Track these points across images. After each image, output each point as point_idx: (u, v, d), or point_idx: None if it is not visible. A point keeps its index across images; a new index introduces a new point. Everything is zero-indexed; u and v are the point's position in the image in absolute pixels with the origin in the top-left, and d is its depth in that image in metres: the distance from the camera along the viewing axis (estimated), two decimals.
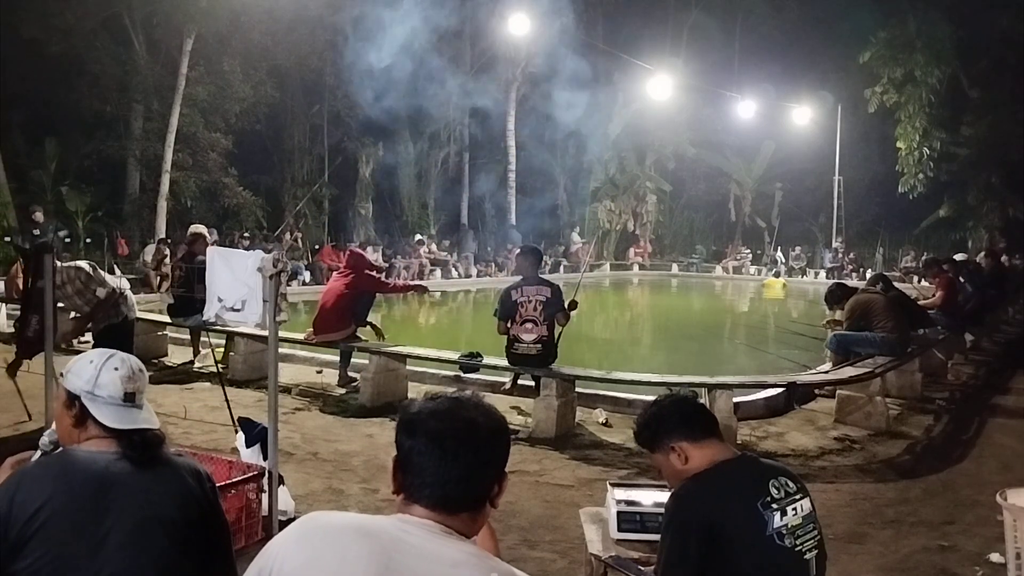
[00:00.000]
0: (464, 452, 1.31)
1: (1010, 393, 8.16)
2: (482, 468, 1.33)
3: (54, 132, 18.87)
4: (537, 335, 6.31)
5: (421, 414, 1.35)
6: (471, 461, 1.31)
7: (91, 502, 1.72)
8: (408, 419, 1.36)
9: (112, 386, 1.86)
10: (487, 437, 1.35)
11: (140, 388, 1.91)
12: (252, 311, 3.91)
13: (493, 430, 1.36)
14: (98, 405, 1.84)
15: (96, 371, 1.87)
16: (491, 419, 1.37)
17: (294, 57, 20.87)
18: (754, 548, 1.97)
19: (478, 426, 1.34)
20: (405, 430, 1.35)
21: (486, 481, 1.34)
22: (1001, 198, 23.77)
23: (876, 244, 26.45)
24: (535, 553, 3.95)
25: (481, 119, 26.97)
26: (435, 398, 1.38)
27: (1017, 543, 3.25)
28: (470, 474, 1.31)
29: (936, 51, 22.38)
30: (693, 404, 2.25)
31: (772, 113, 24.65)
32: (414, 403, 1.39)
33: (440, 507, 1.29)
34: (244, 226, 20.51)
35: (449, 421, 1.33)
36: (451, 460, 1.30)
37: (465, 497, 1.32)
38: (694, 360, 10.40)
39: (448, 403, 1.36)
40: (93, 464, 1.78)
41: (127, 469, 1.79)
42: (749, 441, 5.98)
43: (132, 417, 1.85)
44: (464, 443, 1.31)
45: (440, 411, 1.34)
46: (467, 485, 1.31)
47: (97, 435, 1.84)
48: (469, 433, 1.33)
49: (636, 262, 27.43)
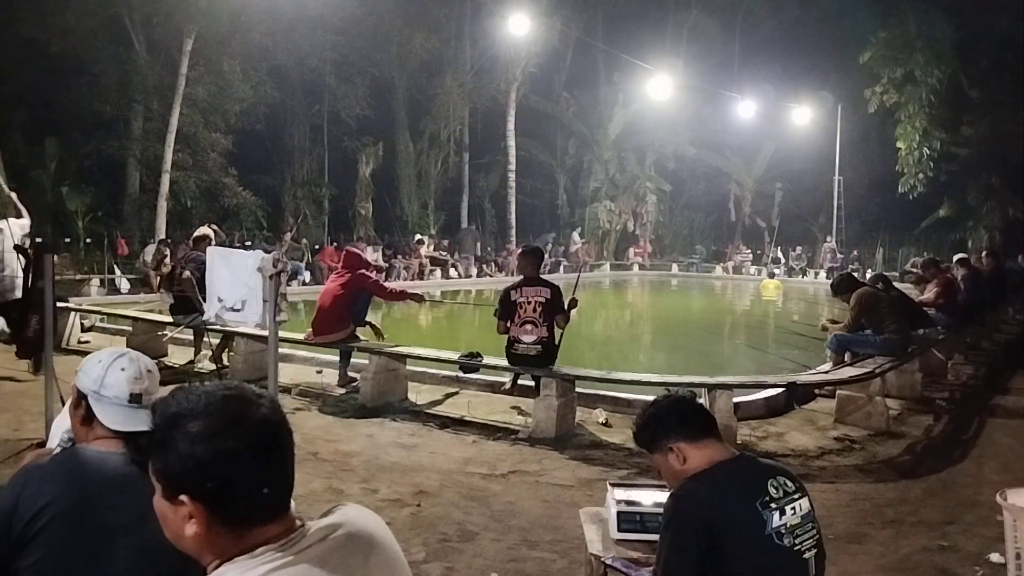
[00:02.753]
0: (260, 451, 1.14)
1: (1010, 393, 8.15)
2: (281, 461, 1.18)
3: (54, 132, 18.88)
4: (537, 336, 6.31)
5: (176, 428, 1.11)
6: (272, 460, 1.16)
7: (97, 503, 1.70)
8: (161, 439, 1.12)
9: (118, 387, 1.84)
10: (269, 430, 1.16)
11: (148, 389, 1.88)
12: (252, 311, 3.92)
13: (268, 420, 1.16)
14: (103, 406, 1.83)
15: (103, 371, 1.85)
16: (256, 407, 1.16)
17: (294, 57, 20.89)
18: (753, 547, 1.97)
19: (245, 420, 1.14)
20: (170, 456, 1.11)
21: (287, 469, 1.20)
22: (1001, 198, 23.77)
23: (876, 244, 26.46)
24: (535, 553, 3.95)
25: (481, 119, 27.00)
26: (186, 397, 1.14)
27: (1017, 543, 3.25)
28: (275, 473, 1.17)
29: (936, 51, 22.37)
30: (691, 404, 2.25)
31: (772, 113, 24.66)
32: (163, 412, 1.14)
33: (271, 518, 1.14)
34: (244, 226, 20.53)
35: (227, 423, 1.12)
36: (251, 467, 1.12)
37: (286, 494, 1.18)
38: (694, 360, 10.40)
39: (201, 405, 1.13)
40: (102, 464, 1.77)
41: (135, 471, 1.73)
42: (749, 441, 5.98)
43: (137, 419, 1.81)
44: (242, 441, 1.12)
45: (196, 421, 1.11)
46: (282, 484, 1.18)
47: (104, 435, 1.82)
48: (241, 431, 1.12)
49: (636, 262, 27.44)
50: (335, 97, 23.13)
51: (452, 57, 25.10)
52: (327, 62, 21.71)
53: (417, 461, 5.36)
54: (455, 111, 25.03)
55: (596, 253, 27.47)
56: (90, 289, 14.93)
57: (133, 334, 9.04)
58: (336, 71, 22.50)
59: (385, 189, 25.40)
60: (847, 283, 7.80)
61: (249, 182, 21.41)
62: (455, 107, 24.86)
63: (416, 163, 25.63)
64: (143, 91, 19.23)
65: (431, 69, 25.02)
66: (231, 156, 20.60)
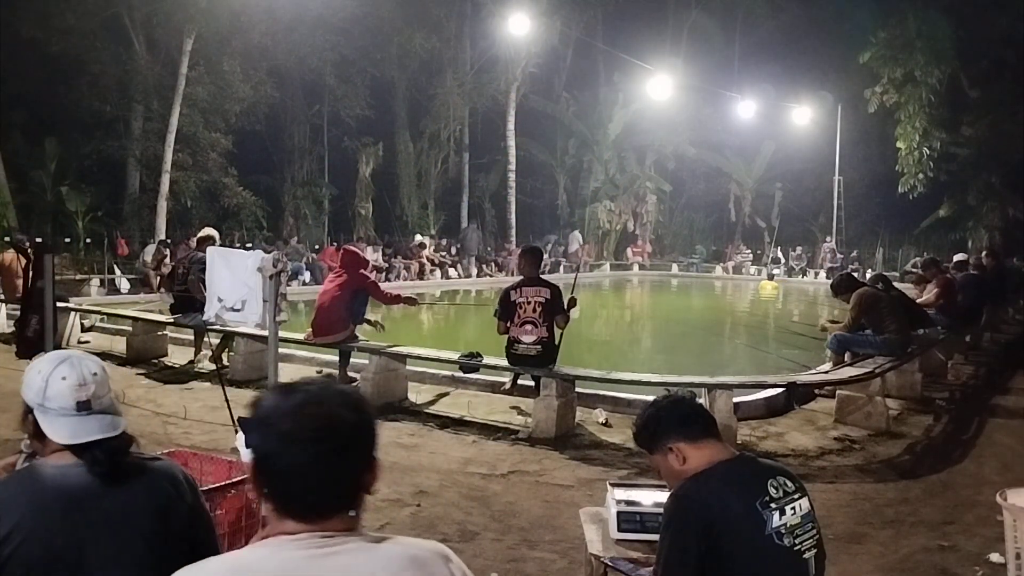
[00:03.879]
0: (324, 450, 1.16)
1: (1010, 393, 8.15)
2: (347, 464, 1.19)
3: (54, 132, 18.88)
4: (537, 336, 6.30)
5: (271, 412, 1.20)
6: (333, 459, 1.17)
7: (64, 523, 1.61)
8: (257, 419, 1.20)
9: (61, 397, 1.70)
10: (348, 432, 1.19)
11: (97, 393, 1.74)
12: (252, 311, 3.92)
13: (354, 422, 1.20)
14: (50, 418, 1.70)
15: (44, 382, 1.71)
16: (350, 408, 1.21)
17: (294, 57, 20.89)
18: (753, 547, 1.97)
19: (335, 420, 1.19)
20: (255, 432, 1.19)
21: (355, 476, 1.20)
22: (1001, 198, 23.76)
23: (876, 244, 26.46)
24: (535, 553, 3.95)
25: (481, 119, 26.99)
26: (288, 392, 1.22)
27: (1017, 543, 3.25)
28: (336, 475, 1.18)
29: (936, 51, 22.36)
30: (691, 405, 2.25)
31: (772, 113, 24.66)
32: (264, 399, 1.24)
33: (313, 516, 1.16)
34: (244, 226, 20.53)
35: (302, 419, 1.17)
36: (312, 461, 1.16)
37: (335, 500, 1.18)
38: (694, 360, 10.40)
39: (300, 397, 1.20)
40: (63, 481, 1.66)
41: (97, 484, 1.67)
42: (749, 441, 5.98)
43: (87, 428, 1.69)
44: (322, 440, 1.17)
45: (289, 407, 1.19)
46: (334, 488, 1.18)
47: (58, 448, 1.70)
48: (328, 430, 1.17)
49: (636, 262, 27.44)
50: (335, 97, 23.13)
51: (452, 57, 25.09)
52: (327, 62, 21.70)
53: (417, 461, 5.36)
54: (455, 111, 25.02)
55: (596, 253, 27.48)
56: (90, 289, 14.93)
57: (133, 334, 9.04)
58: (336, 71, 22.49)
59: (385, 189, 25.40)
60: (847, 283, 7.80)
61: (249, 182, 21.41)
62: (455, 107, 24.86)
63: (416, 163, 25.62)
64: (143, 91, 19.23)
65: (431, 69, 25.01)
66: (231, 156, 20.59)
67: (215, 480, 3.89)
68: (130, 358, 8.67)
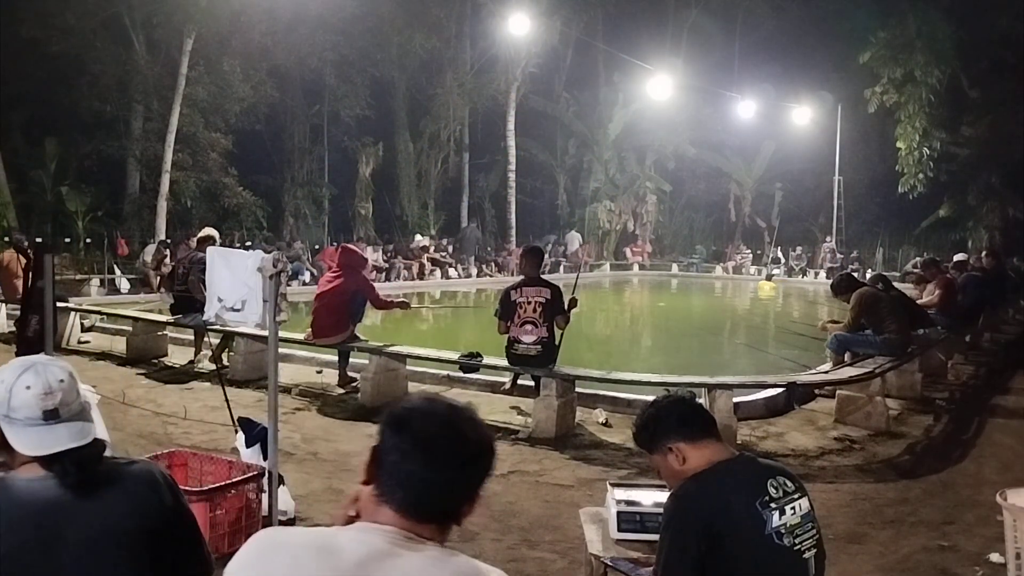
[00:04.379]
0: (449, 461, 1.25)
1: (1010, 393, 8.15)
2: (462, 482, 1.27)
3: (54, 132, 18.89)
4: (537, 337, 6.30)
5: (414, 412, 1.29)
6: (452, 474, 1.26)
7: (40, 537, 1.56)
8: (399, 415, 1.30)
9: (27, 408, 1.62)
10: (474, 452, 1.28)
11: (64, 400, 1.66)
12: (252, 311, 3.91)
13: (481, 449, 1.30)
14: (16, 429, 1.62)
15: (7, 392, 1.63)
16: (481, 437, 1.30)
17: (294, 57, 20.88)
18: (753, 547, 1.97)
19: (468, 439, 1.28)
20: (393, 425, 1.29)
21: (461, 497, 1.28)
22: (1001, 198, 23.75)
23: (876, 244, 26.46)
24: (535, 553, 3.95)
25: (481, 119, 26.99)
26: (432, 401, 1.32)
27: (1017, 543, 3.25)
28: (448, 486, 1.26)
29: (936, 51, 22.36)
30: (690, 405, 2.25)
31: (772, 113, 24.66)
32: (409, 400, 1.34)
33: (410, 514, 1.24)
34: (244, 226, 20.53)
35: (440, 427, 1.27)
36: (433, 468, 1.24)
37: (437, 508, 1.26)
38: (694, 360, 10.40)
39: (443, 409, 1.30)
40: (33, 495, 1.60)
41: (70, 495, 1.61)
42: (749, 441, 5.99)
43: (55, 437, 1.62)
44: (450, 452, 1.25)
45: (433, 414, 1.29)
46: (443, 496, 1.26)
47: (26, 460, 1.64)
48: (458, 443, 1.26)
49: (635, 261, 27.43)
50: (335, 97, 23.13)
51: (452, 57, 25.08)
52: (327, 62, 21.70)
53: None
54: (455, 111, 25.01)
55: (596, 253, 27.48)
56: (90, 289, 14.94)
57: (133, 334, 9.05)
58: (336, 71, 22.49)
59: (385, 189, 25.40)
60: (847, 283, 7.81)
61: (249, 182, 21.39)
62: (455, 107, 24.84)
63: (416, 163, 25.62)
64: (143, 91, 19.22)
65: (431, 69, 25.01)
66: (231, 156, 20.58)
67: (215, 480, 3.90)
68: (130, 358, 8.67)
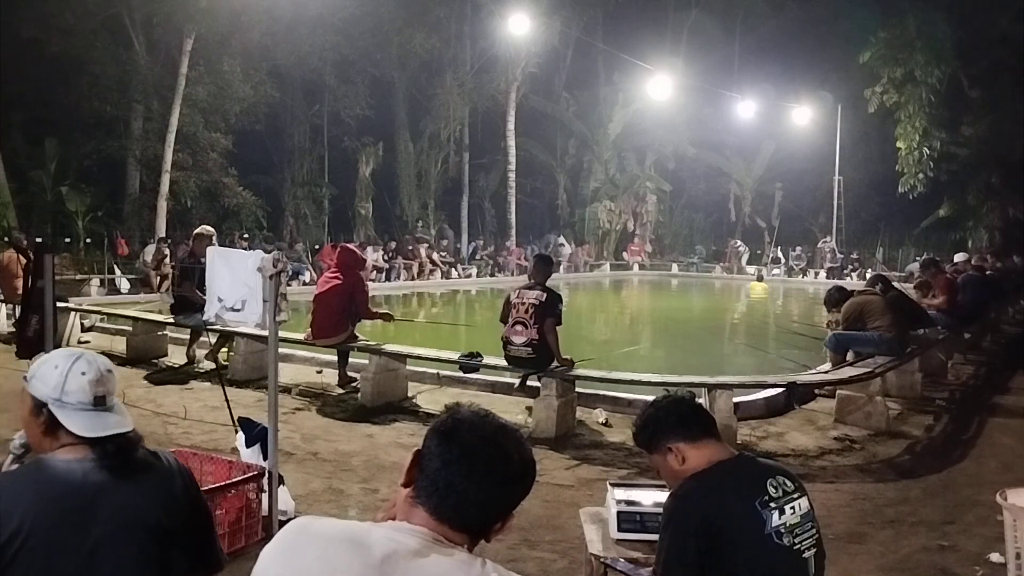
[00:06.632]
0: (490, 477, 1.27)
1: (1010, 393, 8.16)
2: (500, 499, 1.30)
3: (54, 132, 18.89)
4: (527, 338, 6.19)
5: (464, 424, 1.32)
6: (492, 489, 1.28)
7: (74, 516, 1.63)
8: (449, 424, 1.32)
9: (81, 392, 1.73)
10: (517, 473, 1.31)
11: (110, 390, 1.78)
12: (252, 311, 3.91)
13: (524, 470, 1.32)
14: (67, 412, 1.71)
15: (62, 377, 1.73)
16: (525, 459, 1.33)
17: (294, 57, 20.88)
18: (752, 547, 1.97)
19: (512, 459, 1.30)
20: (441, 433, 1.31)
21: (496, 513, 1.30)
22: (1001, 198, 23.76)
23: (876, 244, 26.46)
24: (535, 553, 3.95)
25: (481, 119, 26.98)
26: (482, 416, 1.35)
27: (1017, 543, 3.25)
28: (487, 500, 1.28)
29: (936, 51, 22.36)
30: (690, 405, 2.25)
31: (772, 113, 24.67)
32: (459, 410, 1.36)
33: (445, 520, 1.26)
34: (244, 226, 20.52)
35: (487, 442, 1.29)
36: (474, 480, 1.27)
37: (473, 520, 1.29)
38: (694, 360, 10.40)
39: (493, 425, 1.33)
40: (71, 475, 1.67)
41: (107, 478, 1.69)
42: (749, 441, 5.98)
43: (104, 423, 1.73)
44: (493, 469, 1.28)
45: (482, 429, 1.31)
46: (479, 510, 1.28)
47: (70, 442, 1.72)
48: (502, 461, 1.29)
49: (635, 261, 27.43)
50: (335, 97, 23.12)
51: (452, 57, 25.07)
52: (327, 62, 21.69)
53: None
54: (455, 111, 25.00)
55: (596, 253, 27.48)
56: (90, 289, 14.93)
57: (133, 334, 9.05)
58: (336, 71, 22.48)
59: (385, 189, 25.41)
60: (837, 296, 7.90)
61: (249, 182, 21.40)
62: (455, 107, 24.84)
63: (416, 163, 25.61)
64: (143, 91, 19.22)
65: (431, 69, 25.00)
66: (231, 156, 20.59)
67: (215, 480, 3.90)
68: (130, 358, 8.66)
